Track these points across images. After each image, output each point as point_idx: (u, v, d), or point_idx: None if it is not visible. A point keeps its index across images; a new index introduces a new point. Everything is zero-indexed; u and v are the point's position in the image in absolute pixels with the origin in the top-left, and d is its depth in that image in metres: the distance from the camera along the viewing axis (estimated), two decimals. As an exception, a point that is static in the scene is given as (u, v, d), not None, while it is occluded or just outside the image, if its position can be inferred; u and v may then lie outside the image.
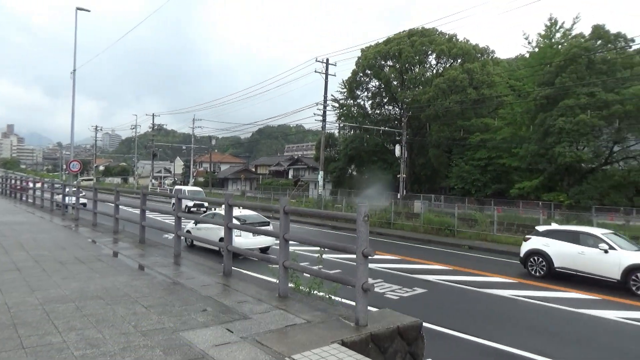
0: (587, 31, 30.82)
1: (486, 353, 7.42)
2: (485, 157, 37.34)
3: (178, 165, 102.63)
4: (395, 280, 12.29)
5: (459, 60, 42.86)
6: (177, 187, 38.14)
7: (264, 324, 5.09)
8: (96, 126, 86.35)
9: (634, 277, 12.10)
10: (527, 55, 38.17)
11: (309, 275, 7.12)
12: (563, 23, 33.95)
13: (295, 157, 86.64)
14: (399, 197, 37.55)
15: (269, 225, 15.09)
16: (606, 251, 12.66)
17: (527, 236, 14.92)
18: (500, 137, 35.77)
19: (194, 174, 78.61)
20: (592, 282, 13.05)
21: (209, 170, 75.66)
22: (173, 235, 9.60)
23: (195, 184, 71.31)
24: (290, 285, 7.67)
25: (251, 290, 6.63)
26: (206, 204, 30.45)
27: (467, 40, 44.95)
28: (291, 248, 6.83)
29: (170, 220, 22.75)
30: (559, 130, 28.37)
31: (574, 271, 13.31)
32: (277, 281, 6.50)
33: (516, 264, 16.39)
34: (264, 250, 14.97)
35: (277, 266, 6.46)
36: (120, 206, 13.34)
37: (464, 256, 18.04)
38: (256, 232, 12.39)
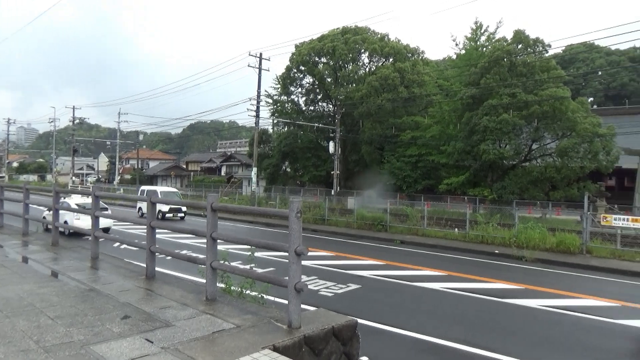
0: (509, 35, 32.56)
1: (420, 347, 7.42)
2: (416, 154, 38.43)
3: (102, 162, 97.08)
4: (329, 277, 12.16)
5: (391, 59, 43.78)
6: (143, 187, 32.47)
7: (189, 331, 4.66)
8: (8, 119, 79.67)
9: None
10: (455, 56, 39.68)
11: (239, 276, 6.74)
12: (487, 27, 35.60)
13: (229, 153, 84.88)
14: (332, 193, 37.76)
15: (107, 210, 18.65)
16: None
17: None
18: (429, 134, 36.92)
19: (120, 171, 74.73)
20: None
21: (136, 167, 72.15)
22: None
23: (121, 182, 67.78)
24: (222, 285, 7.26)
25: (176, 294, 6.14)
26: (184, 208, 28.10)
27: (399, 40, 46.04)
28: (224, 247, 6.42)
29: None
30: (484, 128, 29.70)
31: None
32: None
33: (446, 257, 16.91)
34: (106, 230, 18.41)
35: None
36: (35, 206, 12.14)
37: (396, 250, 18.34)
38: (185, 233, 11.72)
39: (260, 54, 36.00)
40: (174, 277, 7.93)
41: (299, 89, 49.92)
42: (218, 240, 5.94)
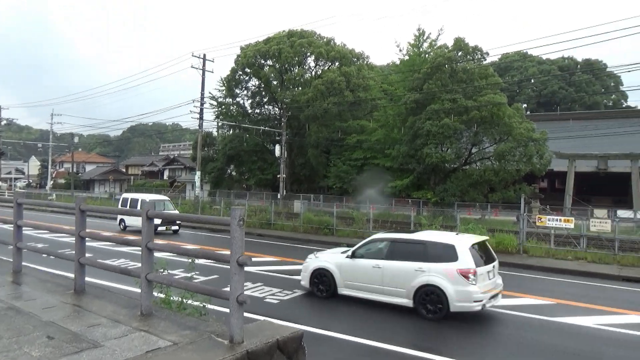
0: (450, 43, 33.63)
1: (367, 352, 7.33)
2: (362, 158, 38.87)
3: (34, 166, 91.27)
4: (275, 283, 11.89)
5: (337, 63, 44.07)
6: (127, 195, 26.91)
7: (120, 352, 4.27)
8: None
9: None
10: (399, 62, 40.52)
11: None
12: (430, 34, 36.57)
13: (172, 156, 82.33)
14: (279, 197, 37.42)
15: None
16: None
17: None
18: (375, 138, 37.45)
19: (53, 175, 70.61)
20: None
21: (71, 170, 68.32)
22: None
23: (54, 187, 64.02)
24: (162, 296, 6.83)
25: (108, 310, 5.67)
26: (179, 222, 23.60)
27: (344, 45, 46.47)
28: (164, 254, 6.01)
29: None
30: (427, 132, 30.46)
31: None
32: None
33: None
34: None
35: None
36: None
37: (343, 254, 18.29)
38: (118, 243, 11.05)
39: (204, 55, 35.17)
40: (108, 290, 7.38)
41: (245, 92, 49.24)
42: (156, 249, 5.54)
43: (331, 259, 10.74)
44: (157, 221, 20.38)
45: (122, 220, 24.71)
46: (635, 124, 41.86)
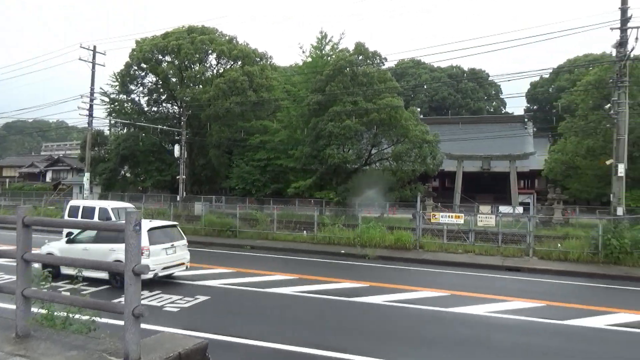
0: (351, 47, 34.60)
1: (273, 357, 7.15)
2: (265, 158, 38.60)
3: None
4: (175, 290, 11.24)
5: (239, 63, 43.32)
6: (77, 202, 19.96)
7: (-13, 382, 3.65)
8: None
9: None
10: (302, 63, 40.88)
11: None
12: (332, 37, 37.40)
13: (56, 157, 75.30)
14: (178, 199, 35.82)
15: None
16: None
17: None
18: (278, 139, 37.40)
19: None
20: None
21: None
22: None
23: None
24: (43, 311, 6.04)
25: (-27, 333, 4.87)
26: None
27: (247, 44, 45.83)
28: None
29: None
30: (329, 134, 31.08)
31: None
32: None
33: (296, 260, 17.07)
34: None
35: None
36: None
37: (247, 256, 17.95)
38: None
39: (94, 47, 32.53)
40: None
41: (141, 88, 46.62)
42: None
43: (56, 245, 13.01)
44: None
45: (69, 234, 18.56)
46: (514, 129, 46.45)
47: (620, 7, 18.46)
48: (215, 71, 44.89)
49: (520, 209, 30.98)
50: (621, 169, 17.37)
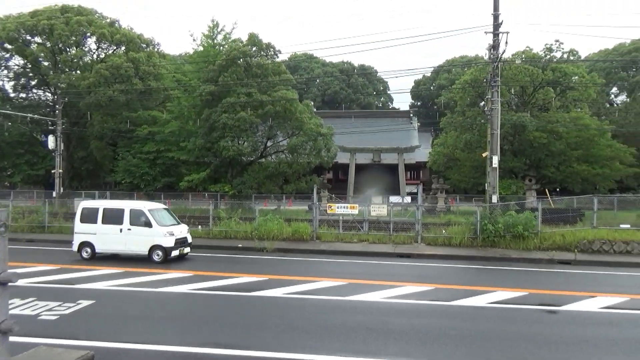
0: (244, 37, 33.89)
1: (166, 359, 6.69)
2: (154, 151, 36.41)
3: None
4: (53, 296, 10.06)
5: (123, 48, 40.28)
6: (93, 203, 17.14)
7: None
8: None
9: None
10: (193, 52, 39.18)
11: None
12: (224, 26, 36.28)
13: None
14: (54, 195, 32.43)
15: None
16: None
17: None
18: (168, 130, 35.49)
19: None
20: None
21: None
22: None
23: None
24: None
25: None
26: (190, 239, 16.26)
27: (132, 29, 42.75)
28: None
29: None
30: (223, 125, 30.18)
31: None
32: None
33: (191, 256, 16.28)
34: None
35: None
36: None
37: (137, 256, 16.73)
38: None
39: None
40: None
41: (5, 72, 41.29)
42: None
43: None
44: (167, 241, 14.65)
45: (86, 244, 15.42)
46: (401, 123, 49.18)
47: (492, 13, 20.23)
48: (95, 56, 41.30)
49: (408, 199, 32.95)
50: (495, 161, 19.14)
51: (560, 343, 7.58)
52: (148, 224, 14.81)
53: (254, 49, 32.99)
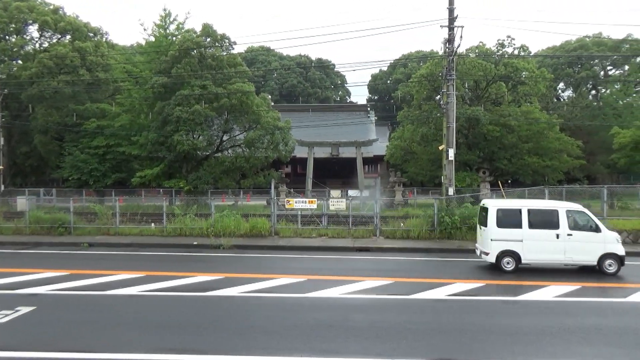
0: (198, 28, 32.80)
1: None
2: (104, 145, 34.78)
3: None
4: (-13, 304, 9.28)
5: (68, 37, 38.25)
6: (514, 203, 13.37)
7: None
8: None
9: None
10: (144, 42, 37.71)
11: None
12: (177, 16, 35.08)
13: None
14: (-5, 193, 30.50)
15: None
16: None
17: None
18: (118, 124, 34.00)
19: None
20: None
21: None
22: None
23: None
24: None
25: None
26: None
27: (77, 16, 40.64)
28: None
29: None
30: (177, 119, 29.15)
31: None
32: None
33: (143, 255, 15.60)
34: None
35: None
36: None
37: (84, 255, 15.89)
38: None
39: None
40: None
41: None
42: None
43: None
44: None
45: (509, 254, 12.64)
46: (358, 117, 49.38)
47: (447, 7, 20.42)
48: (38, 45, 39.02)
49: (366, 193, 33.03)
50: (451, 154, 19.38)
51: (519, 333, 7.63)
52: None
53: (208, 40, 32.05)
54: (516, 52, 33.59)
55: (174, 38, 33.93)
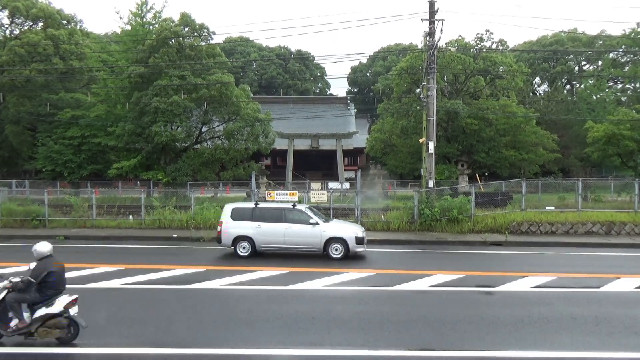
0: (176, 16, 32.18)
1: None
2: (79, 136, 33.94)
3: None
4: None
5: (41, 24, 37.12)
6: None
7: None
8: None
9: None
10: (120, 31, 36.84)
11: None
12: (154, 4, 34.30)
13: None
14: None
15: None
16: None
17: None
18: (94, 114, 33.20)
19: None
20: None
21: None
22: None
23: None
24: None
25: None
26: None
27: (50, 2, 39.44)
28: None
29: None
30: (155, 109, 28.62)
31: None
32: None
33: (121, 248, 15.36)
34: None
35: None
36: None
37: (60, 249, 15.15)
38: None
39: None
40: None
41: None
42: None
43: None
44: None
45: None
46: (338, 109, 49.37)
47: (428, 0, 20.49)
48: (8, 32, 37.79)
49: (347, 185, 33.12)
50: (432, 147, 19.55)
51: (497, 324, 7.78)
52: None
53: (187, 29, 31.47)
54: (494, 46, 33.96)
55: (151, 27, 33.23)
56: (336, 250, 13.42)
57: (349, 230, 13.76)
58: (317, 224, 13.64)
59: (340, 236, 13.48)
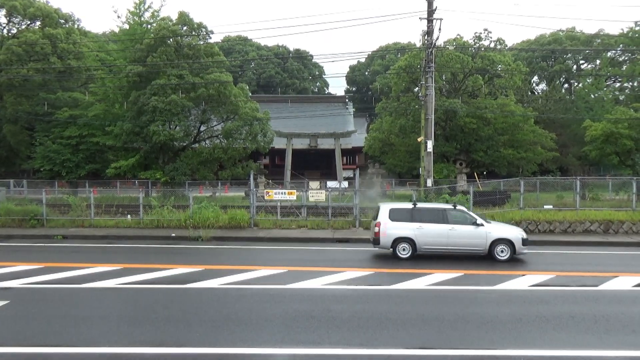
0: (174, 15, 32.12)
1: None
2: (77, 135, 33.86)
3: None
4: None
5: (38, 23, 37.05)
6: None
7: None
8: None
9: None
10: (118, 30, 36.75)
11: None
12: (152, 3, 34.21)
13: None
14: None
15: None
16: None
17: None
18: (92, 114, 33.13)
19: None
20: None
21: None
22: None
23: None
24: None
25: None
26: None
27: (48, 2, 39.36)
28: None
29: None
30: (153, 109, 28.60)
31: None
32: None
33: (120, 248, 15.34)
34: None
35: None
36: None
37: (58, 248, 15.54)
38: None
39: None
40: None
41: None
42: None
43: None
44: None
45: None
46: (337, 108, 49.36)
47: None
48: (6, 31, 37.71)
49: (345, 184, 33.13)
50: (430, 146, 19.57)
51: (496, 323, 7.78)
52: None
53: (185, 28, 31.45)
54: (493, 45, 33.99)
55: (149, 26, 33.16)
56: (502, 252, 13.05)
57: (514, 231, 13.48)
58: (481, 224, 13.25)
59: (507, 237, 13.14)
